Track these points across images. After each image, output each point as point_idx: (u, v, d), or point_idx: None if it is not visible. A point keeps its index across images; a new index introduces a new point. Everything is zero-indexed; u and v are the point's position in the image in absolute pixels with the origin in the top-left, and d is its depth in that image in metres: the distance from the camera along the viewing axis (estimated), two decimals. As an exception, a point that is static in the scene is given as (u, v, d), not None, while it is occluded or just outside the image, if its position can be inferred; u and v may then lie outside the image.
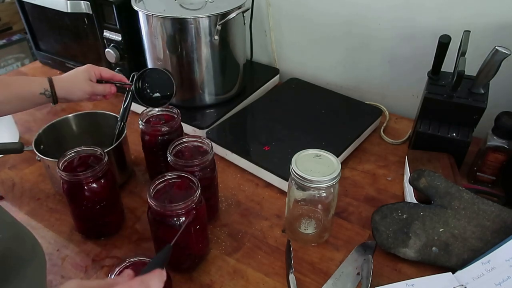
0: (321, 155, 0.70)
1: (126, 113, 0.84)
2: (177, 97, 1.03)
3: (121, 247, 0.74)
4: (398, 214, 0.71)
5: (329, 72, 1.16)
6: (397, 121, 1.05)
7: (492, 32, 0.88)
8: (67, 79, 0.76)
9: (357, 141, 0.94)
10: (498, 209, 0.67)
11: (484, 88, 0.82)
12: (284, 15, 1.15)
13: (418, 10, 0.95)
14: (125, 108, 0.83)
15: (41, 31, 1.24)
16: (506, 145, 0.79)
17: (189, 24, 0.91)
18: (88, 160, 0.72)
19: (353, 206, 0.82)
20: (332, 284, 0.67)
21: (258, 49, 1.24)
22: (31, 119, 1.09)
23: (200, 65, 0.97)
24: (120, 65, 1.08)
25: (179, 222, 0.62)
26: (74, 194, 0.70)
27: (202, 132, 0.96)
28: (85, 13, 1.05)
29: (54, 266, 0.71)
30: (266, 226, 0.78)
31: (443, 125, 0.85)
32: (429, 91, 0.84)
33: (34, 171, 0.91)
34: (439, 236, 0.68)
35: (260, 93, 1.12)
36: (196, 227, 0.65)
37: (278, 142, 0.90)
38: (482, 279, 0.62)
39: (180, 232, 0.58)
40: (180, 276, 0.69)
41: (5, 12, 1.55)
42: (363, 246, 0.72)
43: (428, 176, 0.71)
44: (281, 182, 0.83)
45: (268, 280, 0.68)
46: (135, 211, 0.81)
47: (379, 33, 1.02)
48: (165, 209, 0.61)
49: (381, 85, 1.10)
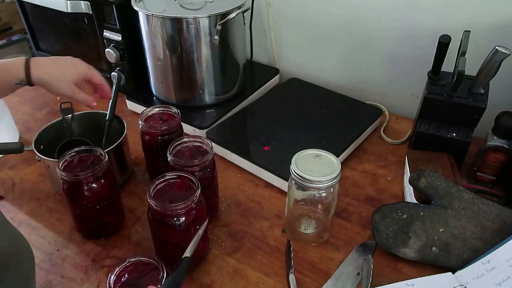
0: (321, 155, 0.70)
1: (113, 111, 0.85)
2: (177, 97, 1.03)
3: (121, 247, 0.74)
4: (398, 214, 0.71)
5: (329, 72, 1.16)
6: (397, 121, 1.05)
7: (492, 32, 0.88)
8: (49, 71, 0.66)
9: (357, 141, 0.94)
10: (498, 209, 0.67)
11: (484, 88, 0.82)
12: (284, 15, 1.15)
13: (418, 10, 0.95)
14: (111, 106, 0.85)
15: (41, 31, 1.24)
16: (506, 145, 0.79)
17: (189, 24, 0.91)
18: (88, 160, 0.72)
19: (353, 206, 0.82)
20: (332, 284, 0.67)
21: (258, 49, 1.24)
22: (31, 119, 1.09)
23: (200, 65, 0.97)
24: (120, 65, 1.08)
25: (179, 222, 0.62)
26: (74, 194, 0.70)
27: (202, 132, 0.96)
28: (85, 13, 1.05)
29: (54, 266, 0.71)
30: (266, 226, 0.78)
31: (443, 125, 0.85)
32: (429, 91, 0.84)
33: (34, 171, 0.91)
34: (439, 236, 0.68)
35: (260, 93, 1.12)
36: (196, 227, 0.65)
37: (278, 142, 0.90)
38: (482, 279, 0.62)
39: (182, 232, 0.58)
40: (180, 276, 0.69)
41: (5, 12, 1.55)
42: (363, 246, 0.72)
43: (428, 176, 0.71)
44: (281, 182, 0.83)
45: (268, 280, 0.68)
46: (135, 211, 0.81)
47: (379, 33, 1.02)
48: (165, 209, 0.61)
49: (381, 85, 1.10)
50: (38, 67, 0.65)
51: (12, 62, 0.65)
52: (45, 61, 0.67)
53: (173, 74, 0.99)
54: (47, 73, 0.66)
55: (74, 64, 0.70)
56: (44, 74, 0.65)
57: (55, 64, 0.68)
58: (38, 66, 0.65)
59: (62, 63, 0.69)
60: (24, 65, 0.64)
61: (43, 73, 0.65)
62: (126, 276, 0.58)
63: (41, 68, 0.65)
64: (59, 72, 0.67)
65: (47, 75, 0.66)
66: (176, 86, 1.01)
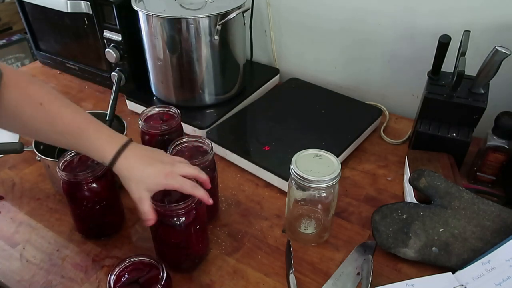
0: (321, 155, 0.70)
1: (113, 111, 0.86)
2: (177, 97, 1.03)
3: (121, 247, 0.74)
4: (398, 214, 0.71)
5: (329, 72, 1.16)
6: (397, 121, 1.05)
7: (492, 32, 0.88)
8: (132, 169, 0.58)
9: (357, 141, 0.94)
10: (498, 209, 0.67)
11: (484, 88, 0.82)
12: (284, 15, 1.15)
13: (418, 10, 0.95)
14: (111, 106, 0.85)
15: (41, 31, 1.24)
16: (506, 145, 0.79)
17: (189, 24, 0.91)
18: (88, 160, 0.72)
19: (353, 206, 0.82)
20: (332, 284, 0.67)
21: (258, 49, 1.24)
22: (31, 119, 1.09)
23: (200, 65, 0.97)
24: (120, 65, 1.08)
25: (179, 222, 0.62)
26: (74, 194, 0.70)
27: (202, 132, 0.96)
28: (85, 13, 1.05)
29: (54, 266, 0.71)
30: (266, 226, 0.78)
31: (443, 125, 0.85)
32: (429, 91, 0.84)
33: (34, 171, 0.91)
34: (439, 236, 0.68)
35: (260, 93, 1.12)
36: (196, 227, 0.65)
37: (278, 142, 0.90)
38: (482, 279, 0.62)
39: (182, 232, 0.58)
40: (180, 276, 0.69)
41: (5, 12, 1.55)
42: (363, 246, 0.72)
43: (428, 176, 0.71)
44: (281, 182, 0.83)
45: (268, 280, 0.68)
46: (135, 211, 0.80)
47: (379, 33, 1.02)
48: (165, 209, 0.61)
49: (381, 85, 1.10)
50: (126, 163, 0.59)
51: (106, 145, 0.59)
52: (139, 160, 0.59)
53: (173, 74, 0.99)
54: (129, 169, 0.59)
55: (164, 174, 0.59)
56: (125, 170, 0.59)
57: (143, 166, 0.59)
58: (126, 161, 0.59)
59: (151, 171, 0.59)
60: (115, 153, 0.58)
61: (125, 169, 0.59)
62: (126, 276, 0.58)
63: (128, 165, 0.59)
64: (140, 175, 0.59)
65: (127, 171, 0.59)
66: (176, 86, 1.01)
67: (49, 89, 0.60)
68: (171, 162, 0.61)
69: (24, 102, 0.57)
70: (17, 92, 0.56)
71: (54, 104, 0.58)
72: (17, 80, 0.57)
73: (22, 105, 0.57)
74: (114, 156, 0.58)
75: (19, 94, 0.56)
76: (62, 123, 0.58)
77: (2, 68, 0.56)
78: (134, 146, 0.61)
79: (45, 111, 0.58)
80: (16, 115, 0.57)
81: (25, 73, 0.60)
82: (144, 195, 0.59)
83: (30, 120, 0.58)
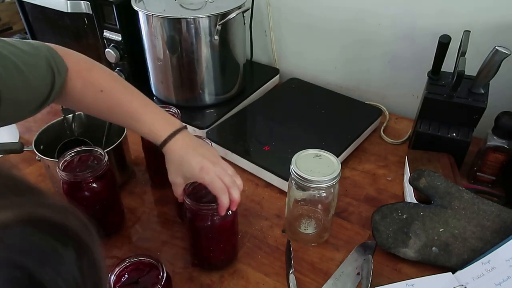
0: (321, 155, 0.70)
1: None
2: (177, 97, 1.03)
3: (121, 247, 0.74)
4: (398, 214, 0.71)
5: (329, 72, 1.16)
6: (397, 121, 1.05)
7: (492, 32, 0.88)
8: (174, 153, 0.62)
9: (357, 141, 0.94)
10: (498, 209, 0.67)
11: (484, 88, 0.82)
12: (284, 15, 1.15)
13: (418, 10, 0.95)
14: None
15: (41, 31, 1.24)
16: (506, 145, 0.79)
17: (189, 24, 0.91)
18: (88, 160, 0.72)
19: (353, 206, 0.82)
20: (332, 284, 0.67)
21: (258, 49, 1.24)
22: (31, 119, 1.07)
23: (200, 65, 0.97)
24: (120, 65, 1.08)
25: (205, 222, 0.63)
26: (74, 194, 0.70)
27: (202, 132, 0.96)
28: (85, 13, 1.05)
29: (54, 266, 0.71)
30: (266, 226, 0.78)
31: (443, 125, 0.85)
32: (429, 91, 0.84)
33: (34, 171, 0.91)
34: (439, 236, 0.68)
35: (260, 93, 1.12)
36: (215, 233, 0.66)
37: (278, 142, 0.90)
38: (482, 279, 0.62)
39: None
40: (180, 276, 0.69)
41: (5, 12, 1.55)
42: (363, 246, 0.72)
43: (428, 176, 0.71)
44: (281, 182, 0.83)
45: (268, 280, 0.68)
46: (135, 211, 0.81)
47: (379, 33, 1.02)
48: (193, 205, 0.62)
49: (381, 85, 1.10)
50: (173, 146, 0.63)
51: (161, 128, 0.63)
52: (184, 147, 0.63)
53: (173, 74, 0.99)
54: (173, 152, 0.63)
55: (200, 167, 0.61)
56: (170, 152, 0.63)
57: (185, 153, 0.62)
58: (174, 145, 0.63)
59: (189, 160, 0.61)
60: (167, 136, 0.62)
61: (170, 151, 0.63)
62: (126, 276, 0.58)
63: (174, 148, 0.62)
64: (179, 161, 0.62)
65: (171, 154, 0.63)
66: (176, 86, 1.01)
67: (108, 73, 0.65)
68: (213, 160, 0.62)
69: (86, 90, 0.62)
70: (80, 82, 0.61)
71: (112, 90, 0.63)
72: (79, 70, 0.62)
73: (85, 93, 0.62)
74: (165, 139, 0.63)
75: (82, 83, 0.62)
76: (121, 108, 0.64)
77: (66, 59, 0.60)
78: (186, 133, 0.65)
79: (105, 98, 0.63)
80: (80, 100, 0.63)
81: (86, 59, 0.64)
82: (178, 181, 0.63)
83: (92, 105, 0.64)
